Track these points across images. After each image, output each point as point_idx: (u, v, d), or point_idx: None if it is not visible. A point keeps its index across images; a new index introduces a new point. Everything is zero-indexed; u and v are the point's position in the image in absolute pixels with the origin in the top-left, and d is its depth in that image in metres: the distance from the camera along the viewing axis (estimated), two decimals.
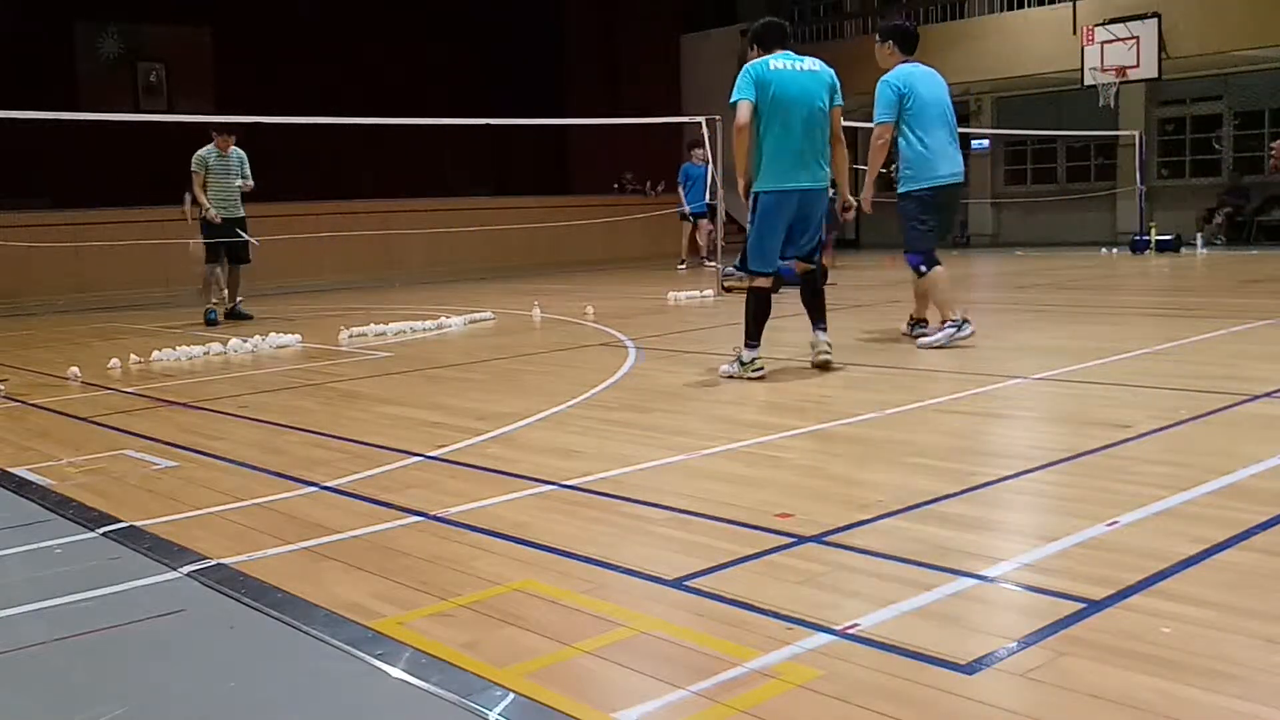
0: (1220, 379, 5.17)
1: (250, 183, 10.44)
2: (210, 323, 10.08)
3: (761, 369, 5.71)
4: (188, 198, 11.13)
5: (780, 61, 5.63)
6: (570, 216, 18.46)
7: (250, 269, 10.73)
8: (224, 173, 10.34)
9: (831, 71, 5.78)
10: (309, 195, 16.28)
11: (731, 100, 5.56)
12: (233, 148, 10.38)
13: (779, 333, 7.75)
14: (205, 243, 10.37)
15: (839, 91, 5.78)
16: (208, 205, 10.18)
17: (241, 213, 10.49)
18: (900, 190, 6.78)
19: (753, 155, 5.62)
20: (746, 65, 5.63)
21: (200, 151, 10.29)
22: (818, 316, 5.96)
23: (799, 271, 5.97)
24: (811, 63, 5.72)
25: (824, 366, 5.87)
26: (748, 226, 5.80)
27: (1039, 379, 5.43)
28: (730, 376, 5.72)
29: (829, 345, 5.91)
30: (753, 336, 5.73)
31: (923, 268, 6.76)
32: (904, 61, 6.79)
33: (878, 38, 6.94)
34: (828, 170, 5.76)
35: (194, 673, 2.30)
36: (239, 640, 2.48)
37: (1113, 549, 2.80)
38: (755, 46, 5.81)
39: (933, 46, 20.08)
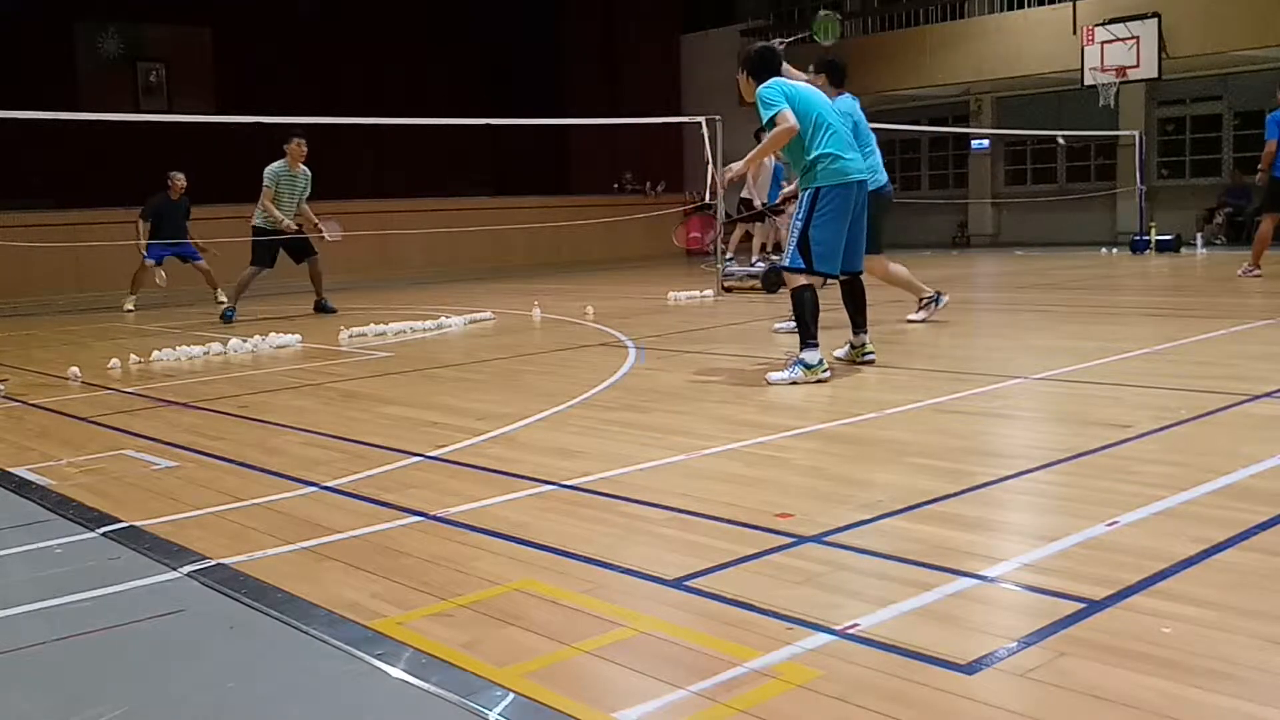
0: (1220, 379, 5.17)
1: (305, 208, 10.94)
2: (226, 320, 10.22)
3: (828, 369, 5.53)
4: (139, 225, 12.21)
5: (789, 81, 5.72)
6: (570, 216, 18.47)
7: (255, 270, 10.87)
8: (290, 191, 10.73)
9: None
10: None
11: (770, 112, 5.48)
12: (302, 166, 10.61)
13: (776, 333, 7.75)
14: (254, 241, 10.79)
15: None
16: (281, 217, 10.64)
17: (295, 227, 10.89)
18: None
19: (796, 160, 5.70)
20: (764, 85, 5.58)
21: (273, 166, 10.68)
22: (862, 320, 6.04)
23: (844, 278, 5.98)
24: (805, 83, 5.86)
25: (869, 364, 5.98)
26: (796, 224, 5.62)
27: (1039, 379, 5.43)
28: (794, 383, 5.41)
29: (872, 347, 6.06)
30: (813, 336, 5.52)
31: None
32: (839, 94, 7.01)
33: (812, 69, 7.03)
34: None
35: (194, 673, 2.30)
36: (239, 640, 2.48)
37: (1113, 549, 2.80)
38: (748, 74, 5.72)
39: (933, 46, 20.14)
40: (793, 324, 6.85)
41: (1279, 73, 17.40)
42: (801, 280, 5.62)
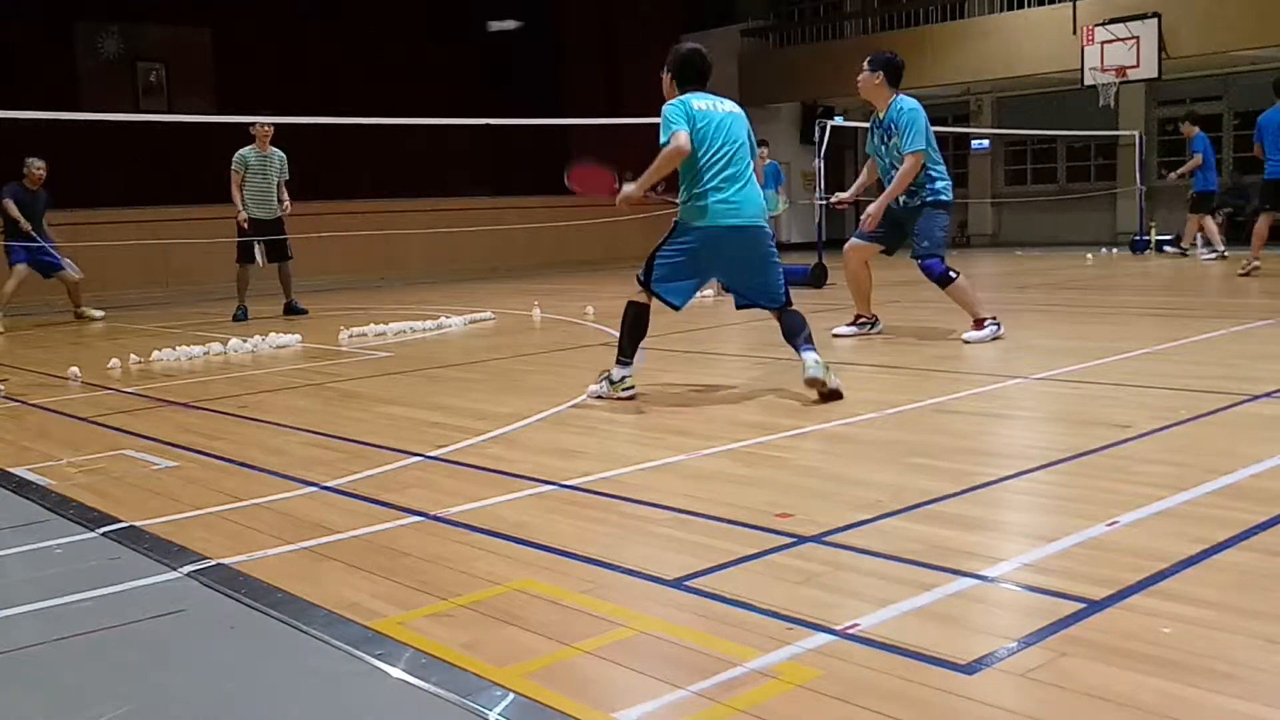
0: (1220, 379, 5.17)
1: (285, 197, 10.84)
2: (239, 320, 10.27)
3: (632, 388, 5.23)
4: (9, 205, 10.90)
5: (702, 102, 5.20)
6: (570, 216, 18.46)
7: (256, 268, 10.87)
8: (262, 172, 10.60)
9: (747, 120, 5.38)
10: (309, 195, 16.29)
11: (666, 133, 5.07)
12: (273, 148, 10.59)
13: (778, 332, 7.75)
14: (239, 242, 10.66)
15: (753, 140, 5.38)
16: (240, 207, 10.57)
17: (278, 214, 10.74)
18: (931, 200, 6.95)
19: (684, 188, 5.23)
20: (671, 102, 5.19)
21: (241, 150, 10.56)
22: (801, 343, 5.18)
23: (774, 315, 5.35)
24: (730, 105, 5.30)
25: (812, 385, 5.03)
26: (662, 246, 5.27)
27: (1039, 379, 5.43)
28: (600, 397, 5.24)
29: (815, 362, 5.04)
30: (626, 354, 5.27)
31: (952, 274, 6.93)
32: (895, 93, 7.02)
33: (867, 67, 7.06)
34: (761, 205, 5.27)
35: (194, 673, 2.30)
36: (239, 640, 2.48)
37: (1113, 549, 2.80)
38: (670, 74, 5.32)
39: (933, 46, 20.13)
40: (980, 335, 6.82)
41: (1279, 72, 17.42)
42: (640, 296, 5.29)
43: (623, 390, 5.24)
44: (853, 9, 22.59)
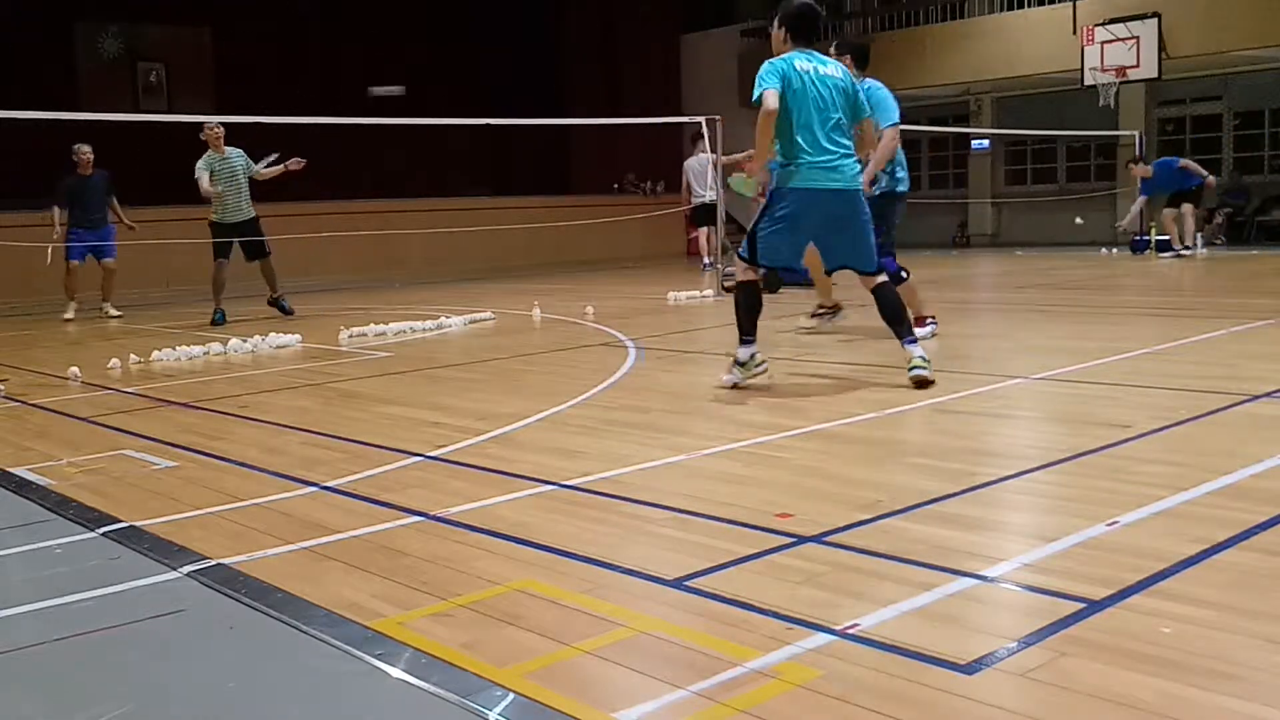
0: (1220, 379, 5.17)
1: (265, 171, 10.59)
2: (216, 324, 10.19)
3: (763, 364, 5.37)
4: (55, 212, 11.43)
5: (805, 62, 5.22)
6: (570, 216, 18.46)
7: (226, 267, 10.80)
8: (228, 176, 10.40)
9: (852, 80, 5.43)
10: (309, 195, 16.29)
11: (757, 91, 5.12)
12: (229, 149, 10.43)
13: (775, 333, 7.75)
14: (213, 243, 10.58)
15: (863, 101, 5.44)
16: (207, 186, 10.22)
17: (252, 214, 10.62)
18: (885, 190, 6.77)
19: (780, 150, 5.28)
20: (770, 60, 5.23)
21: (198, 163, 10.32)
22: (902, 329, 5.42)
23: (866, 288, 5.50)
24: (833, 67, 5.35)
25: (918, 384, 5.19)
26: (760, 217, 5.34)
27: (1039, 379, 5.43)
28: (735, 386, 5.31)
29: (921, 360, 5.28)
30: (747, 332, 5.34)
31: (904, 273, 6.72)
32: (862, 76, 6.85)
33: (835, 52, 6.86)
34: (856, 168, 5.32)
35: (194, 673, 2.30)
36: (239, 640, 2.48)
37: (1113, 549, 2.80)
38: (783, 29, 5.30)
39: (933, 46, 20.13)
40: (922, 332, 6.53)
41: (1279, 72, 17.43)
42: (748, 274, 5.37)
43: (755, 368, 5.32)
44: (853, 9, 22.58)
